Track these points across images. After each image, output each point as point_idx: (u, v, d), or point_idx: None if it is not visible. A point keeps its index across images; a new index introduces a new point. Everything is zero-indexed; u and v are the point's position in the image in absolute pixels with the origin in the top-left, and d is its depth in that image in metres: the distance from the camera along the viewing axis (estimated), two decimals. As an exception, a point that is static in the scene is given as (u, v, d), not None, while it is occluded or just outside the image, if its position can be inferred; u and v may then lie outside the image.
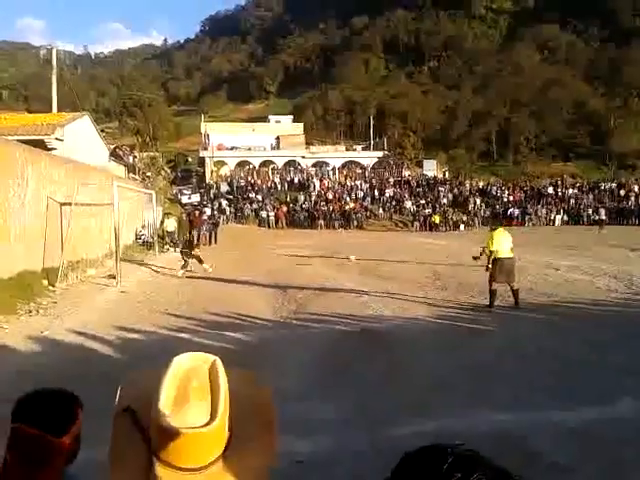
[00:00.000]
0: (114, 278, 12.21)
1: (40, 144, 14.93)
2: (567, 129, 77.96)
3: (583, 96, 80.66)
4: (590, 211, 36.96)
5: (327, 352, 6.59)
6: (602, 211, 34.31)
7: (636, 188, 40.43)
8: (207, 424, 0.88)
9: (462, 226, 35.34)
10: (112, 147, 27.89)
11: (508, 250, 9.21)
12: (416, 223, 36.19)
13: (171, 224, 22.15)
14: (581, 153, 74.46)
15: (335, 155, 55.21)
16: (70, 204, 12.60)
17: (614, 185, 41.68)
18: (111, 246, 14.86)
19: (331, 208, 37.39)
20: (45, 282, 11.07)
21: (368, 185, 42.82)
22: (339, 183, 43.82)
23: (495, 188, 42.39)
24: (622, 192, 39.78)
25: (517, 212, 37.12)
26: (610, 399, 4.80)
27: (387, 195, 40.67)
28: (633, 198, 38.61)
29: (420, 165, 53.32)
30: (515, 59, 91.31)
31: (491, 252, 9.17)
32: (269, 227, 35.60)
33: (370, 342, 7.09)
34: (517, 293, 9.15)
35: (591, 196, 39.87)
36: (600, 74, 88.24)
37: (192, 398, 0.90)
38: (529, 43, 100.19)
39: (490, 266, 9.14)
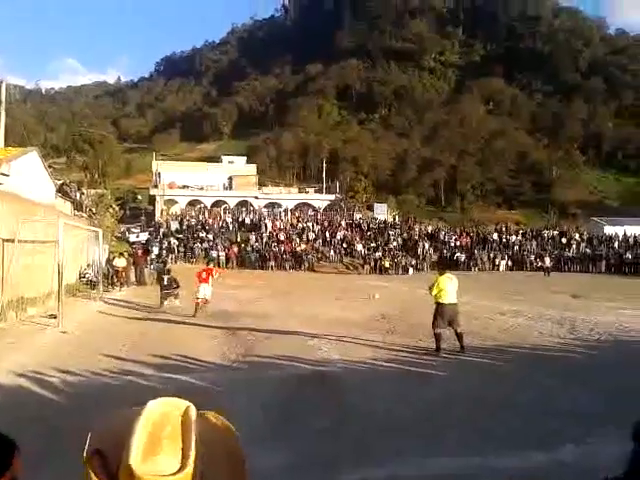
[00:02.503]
0: (55, 318, 11.76)
1: (-17, 178, 14.46)
2: (511, 178, 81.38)
3: (526, 147, 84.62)
4: (533, 257, 38.21)
5: (276, 396, 6.50)
6: (547, 259, 35.54)
7: (577, 236, 42.21)
8: (177, 472, 0.88)
9: (411, 270, 35.84)
10: (59, 183, 27.22)
11: (452, 296, 9.24)
12: (366, 266, 36.50)
13: (121, 262, 21.77)
14: (524, 201, 77.62)
15: (288, 197, 55.69)
16: (13, 241, 12.17)
17: (556, 233, 43.38)
18: (53, 285, 14.36)
19: (282, 249, 37.37)
20: (-19, 321, 10.56)
21: (320, 227, 43.11)
22: (291, 224, 43.97)
23: (443, 233, 43.37)
24: (564, 240, 41.43)
25: (464, 257, 37.97)
26: (553, 445, 4.89)
27: (338, 238, 40.99)
28: (575, 246, 40.24)
29: (371, 209, 54.25)
30: (462, 110, 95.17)
31: (432, 295, 9.31)
32: (219, 267, 35.20)
33: (319, 386, 7.04)
34: (461, 337, 9.23)
35: (534, 243, 41.29)
36: (543, 127, 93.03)
37: (164, 445, 0.90)
38: (475, 95, 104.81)
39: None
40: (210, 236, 39.27)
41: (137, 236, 40.84)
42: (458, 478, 4.28)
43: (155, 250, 33.97)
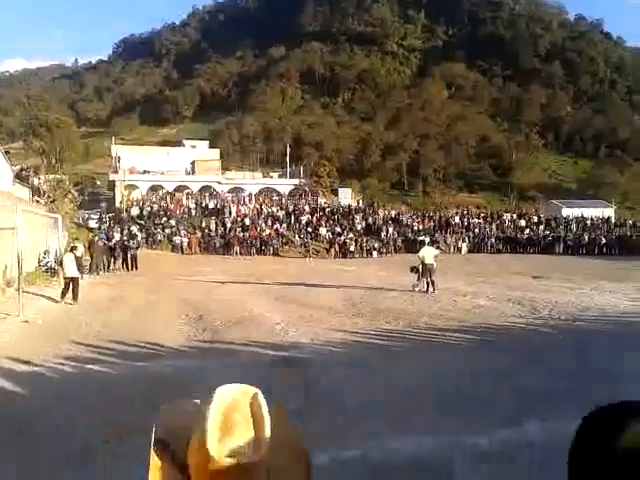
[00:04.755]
0: (16, 307, 11.46)
1: None
2: (472, 162, 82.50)
3: (487, 131, 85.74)
4: (493, 240, 39.02)
5: (244, 381, 6.45)
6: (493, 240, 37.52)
7: (535, 219, 43.21)
8: (253, 456, 0.88)
9: (375, 253, 36.14)
10: (17, 169, 26.42)
11: (431, 259, 15.06)
12: (332, 250, 36.63)
13: (79, 249, 21.28)
14: (485, 185, 78.93)
15: (251, 182, 55.28)
16: (-33, 228, 11.79)
17: (515, 216, 44.32)
18: (12, 273, 13.98)
19: (247, 234, 37.16)
20: (-64, 312, 10.22)
21: (284, 212, 42.97)
22: (255, 209, 43.70)
23: (406, 217, 43.78)
24: (522, 222, 42.36)
25: (427, 240, 38.37)
26: (520, 422, 5.02)
27: (303, 222, 40.96)
28: (534, 228, 41.22)
29: (335, 193, 54.34)
30: (424, 95, 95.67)
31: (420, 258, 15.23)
32: (182, 253, 34.84)
33: (288, 370, 7.05)
34: (434, 283, 15.00)
35: (494, 226, 42.09)
36: (503, 111, 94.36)
37: (235, 431, 0.90)
38: (438, 80, 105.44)
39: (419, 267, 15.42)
40: (172, 222, 38.77)
41: (97, 222, 40.07)
42: (428, 457, 4.36)
43: (116, 237, 33.35)
